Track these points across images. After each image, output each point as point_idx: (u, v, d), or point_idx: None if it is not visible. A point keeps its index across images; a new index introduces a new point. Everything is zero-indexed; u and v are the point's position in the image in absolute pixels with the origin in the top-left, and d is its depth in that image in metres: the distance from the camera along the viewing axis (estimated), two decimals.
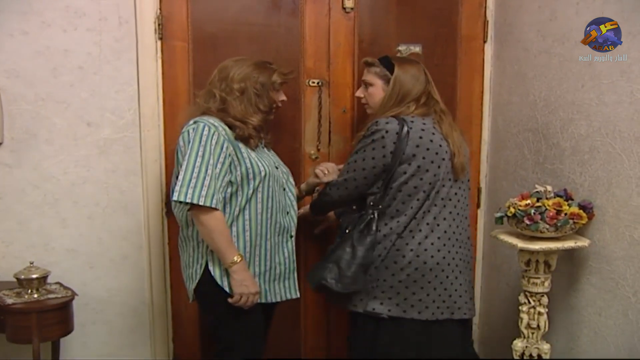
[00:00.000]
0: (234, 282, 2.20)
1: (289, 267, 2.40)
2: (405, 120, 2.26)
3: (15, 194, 2.65)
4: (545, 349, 2.47)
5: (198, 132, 2.15)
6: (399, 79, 2.35)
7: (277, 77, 2.35)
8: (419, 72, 2.39)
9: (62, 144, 2.67)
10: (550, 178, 2.58)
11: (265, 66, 2.34)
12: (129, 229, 2.80)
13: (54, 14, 2.59)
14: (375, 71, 2.42)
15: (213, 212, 2.15)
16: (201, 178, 2.12)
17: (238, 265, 2.19)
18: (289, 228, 2.39)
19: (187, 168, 2.13)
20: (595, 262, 2.38)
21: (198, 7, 2.72)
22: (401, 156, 2.23)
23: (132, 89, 2.71)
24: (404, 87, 2.35)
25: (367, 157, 2.27)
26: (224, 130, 2.19)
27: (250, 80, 2.28)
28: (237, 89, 2.26)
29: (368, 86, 2.45)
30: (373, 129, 2.27)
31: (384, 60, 2.42)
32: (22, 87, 2.59)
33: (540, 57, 2.64)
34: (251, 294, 2.21)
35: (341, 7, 2.83)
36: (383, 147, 2.24)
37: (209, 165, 2.13)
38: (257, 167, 2.24)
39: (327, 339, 3.08)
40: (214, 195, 2.13)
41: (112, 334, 2.87)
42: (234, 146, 2.21)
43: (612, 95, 2.24)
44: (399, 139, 2.23)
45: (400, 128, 2.24)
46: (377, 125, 2.26)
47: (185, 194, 2.11)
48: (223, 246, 2.18)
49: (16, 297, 2.49)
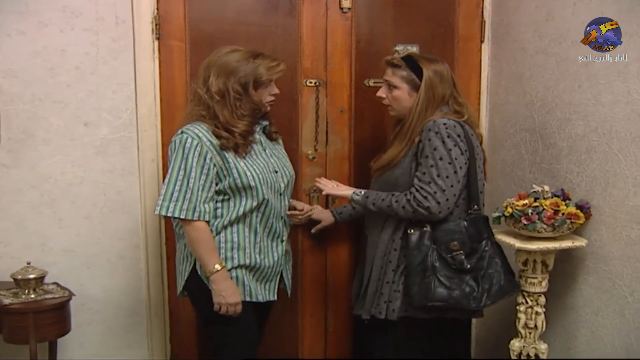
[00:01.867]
0: (213, 292, 2.20)
1: (275, 270, 2.38)
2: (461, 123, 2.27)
3: (12, 194, 2.65)
4: (543, 349, 2.47)
5: (181, 144, 2.15)
6: (431, 84, 2.29)
7: (263, 72, 2.21)
8: (446, 71, 2.34)
9: (59, 144, 2.66)
10: (547, 178, 2.58)
11: (249, 59, 2.21)
12: (126, 229, 2.80)
13: (51, 14, 2.58)
14: (402, 75, 2.32)
15: (194, 223, 2.16)
16: (183, 191, 2.13)
17: (216, 275, 2.18)
18: (281, 233, 2.38)
19: (170, 181, 2.14)
20: (592, 262, 2.39)
21: (195, 7, 2.72)
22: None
23: (129, 89, 2.70)
24: (437, 91, 2.30)
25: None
26: (208, 141, 2.16)
27: (229, 81, 2.18)
28: (216, 92, 2.18)
29: (393, 89, 2.36)
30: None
31: (410, 62, 2.32)
32: (19, 87, 2.59)
33: (537, 57, 2.64)
34: (229, 305, 2.20)
35: (338, 7, 2.83)
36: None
37: (191, 178, 2.13)
38: (246, 178, 2.20)
39: (324, 339, 3.09)
40: (195, 208, 2.14)
41: (109, 334, 2.86)
42: (221, 156, 2.18)
43: (609, 95, 2.25)
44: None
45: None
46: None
47: (167, 208, 2.14)
48: (204, 255, 2.19)
49: (13, 297, 2.48)
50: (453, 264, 2.25)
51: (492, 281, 2.27)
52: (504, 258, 2.34)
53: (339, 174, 2.91)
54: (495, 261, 2.29)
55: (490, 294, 2.26)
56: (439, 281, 2.23)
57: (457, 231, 2.26)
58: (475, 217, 2.29)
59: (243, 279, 2.27)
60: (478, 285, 2.25)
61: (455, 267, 2.25)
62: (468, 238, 2.26)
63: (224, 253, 2.24)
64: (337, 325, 3.07)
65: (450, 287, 2.23)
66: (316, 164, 2.91)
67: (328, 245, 2.99)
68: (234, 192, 2.21)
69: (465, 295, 2.24)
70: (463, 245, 2.25)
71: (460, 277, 2.25)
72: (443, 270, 2.24)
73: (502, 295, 2.30)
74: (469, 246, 2.26)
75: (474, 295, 2.25)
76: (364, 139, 2.92)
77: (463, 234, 2.26)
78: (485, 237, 2.30)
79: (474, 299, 2.25)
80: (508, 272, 2.34)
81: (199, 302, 2.35)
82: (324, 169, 2.92)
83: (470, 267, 2.25)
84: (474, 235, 2.27)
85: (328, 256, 3.01)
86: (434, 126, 2.22)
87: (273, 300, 2.41)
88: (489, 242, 2.31)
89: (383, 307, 2.33)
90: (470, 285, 2.25)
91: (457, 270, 2.25)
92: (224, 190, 2.21)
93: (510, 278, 2.35)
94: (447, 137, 2.20)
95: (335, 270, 3.02)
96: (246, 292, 2.27)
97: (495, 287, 2.27)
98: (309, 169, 2.91)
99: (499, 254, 2.33)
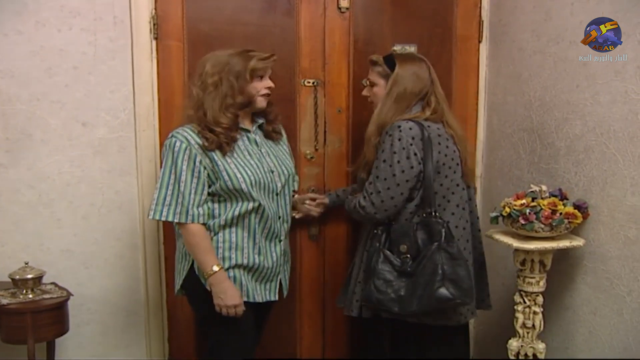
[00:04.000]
0: (213, 293, 2.20)
1: (274, 270, 2.37)
2: (422, 124, 2.27)
3: (10, 194, 2.64)
4: (541, 349, 2.48)
5: (170, 148, 2.16)
6: (397, 78, 2.33)
7: (256, 64, 2.22)
8: (422, 70, 2.37)
9: (57, 144, 2.66)
10: (545, 178, 2.58)
11: (242, 54, 2.23)
12: (124, 229, 2.80)
13: (48, 13, 2.58)
14: (378, 70, 2.40)
15: (189, 226, 2.18)
16: (175, 195, 2.14)
17: (214, 276, 2.18)
18: (278, 233, 2.36)
19: (162, 186, 2.16)
20: (590, 261, 2.39)
21: (193, 6, 2.72)
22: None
23: (127, 89, 2.70)
24: (401, 86, 2.33)
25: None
26: (197, 143, 2.16)
27: (224, 71, 2.19)
28: (211, 82, 2.18)
29: (373, 86, 2.44)
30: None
31: (388, 59, 2.39)
32: (17, 87, 2.58)
33: (535, 57, 2.65)
34: (227, 307, 2.19)
35: (336, 7, 2.83)
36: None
37: (181, 182, 2.14)
38: (237, 180, 2.19)
39: (322, 339, 3.09)
40: (188, 211, 2.15)
41: (107, 334, 2.86)
42: (210, 158, 2.18)
43: (607, 95, 2.25)
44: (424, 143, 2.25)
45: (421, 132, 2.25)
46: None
47: (161, 212, 2.15)
48: (201, 257, 2.20)
49: (11, 297, 2.48)
50: (397, 266, 2.26)
51: (425, 287, 2.19)
52: (454, 266, 2.20)
53: (337, 173, 2.92)
54: (436, 268, 2.19)
55: (420, 301, 2.20)
56: (373, 284, 2.25)
57: (407, 234, 2.26)
58: (427, 220, 2.26)
59: (241, 279, 2.26)
60: (407, 290, 2.23)
61: (398, 269, 2.25)
62: (416, 242, 2.25)
63: (221, 253, 2.24)
64: (335, 326, 3.07)
65: (380, 289, 2.24)
66: (314, 163, 2.91)
67: (326, 245, 3.00)
68: (227, 194, 2.21)
69: (392, 299, 2.23)
70: (410, 249, 2.26)
71: (399, 280, 2.25)
72: (383, 273, 2.25)
73: (432, 303, 2.19)
74: (415, 250, 2.25)
75: (402, 299, 2.23)
76: (362, 138, 2.91)
77: (411, 237, 2.26)
78: (436, 241, 2.23)
79: (400, 304, 2.23)
80: (452, 281, 2.19)
81: (196, 302, 2.35)
82: (322, 168, 2.92)
83: (410, 270, 2.24)
84: (424, 239, 2.26)
85: (326, 256, 3.01)
86: (390, 129, 2.25)
87: (273, 300, 2.40)
88: (438, 247, 2.21)
89: (356, 306, 2.41)
90: (402, 290, 2.24)
91: (399, 273, 2.25)
92: (217, 192, 2.21)
93: (450, 287, 2.19)
94: (398, 139, 2.22)
95: (333, 271, 3.01)
96: (243, 292, 2.27)
97: (427, 294, 2.19)
98: (307, 169, 2.91)
99: (448, 261, 2.20)
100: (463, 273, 2.22)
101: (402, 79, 2.33)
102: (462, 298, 2.21)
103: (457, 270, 2.21)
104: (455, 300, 2.21)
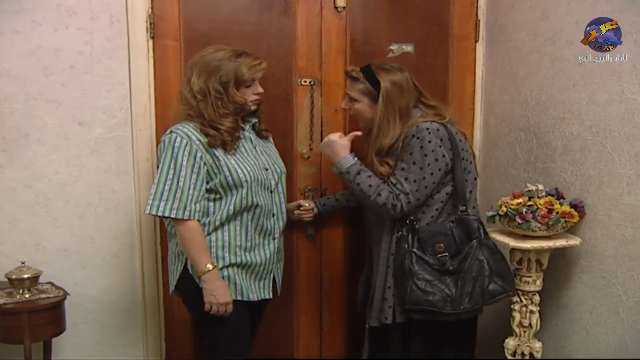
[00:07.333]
0: (204, 291, 2.20)
1: (268, 268, 2.37)
2: (445, 125, 2.27)
3: (6, 193, 2.64)
4: (537, 348, 2.48)
5: (170, 143, 2.15)
6: (389, 97, 2.27)
7: (244, 73, 2.20)
8: (406, 80, 2.32)
9: (54, 143, 2.66)
10: (541, 177, 2.59)
11: (231, 59, 2.20)
12: (121, 229, 2.80)
13: (45, 12, 2.57)
14: (360, 88, 2.33)
15: (186, 222, 2.17)
16: (173, 191, 2.14)
17: (208, 274, 2.18)
18: (272, 230, 2.36)
19: (160, 181, 2.15)
20: (586, 260, 2.39)
21: (190, 6, 2.71)
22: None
23: (123, 88, 2.70)
24: (397, 102, 2.28)
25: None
26: (197, 140, 2.16)
27: (210, 81, 2.18)
28: (198, 91, 2.18)
29: (353, 101, 2.37)
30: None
31: (368, 73, 2.31)
32: (13, 86, 2.58)
33: (531, 56, 2.65)
34: (220, 304, 2.19)
35: (333, 7, 2.83)
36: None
37: (181, 177, 2.14)
38: (237, 175, 2.20)
39: (319, 338, 3.09)
40: (186, 207, 2.15)
41: (104, 333, 2.86)
42: (211, 154, 2.18)
43: (603, 94, 2.25)
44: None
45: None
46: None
47: (157, 207, 2.14)
48: (195, 255, 2.19)
49: (7, 297, 2.48)
50: (436, 265, 2.24)
51: (474, 284, 2.23)
52: (496, 261, 2.26)
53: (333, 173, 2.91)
54: (483, 264, 2.23)
55: (472, 298, 2.23)
56: (414, 285, 2.23)
57: (442, 233, 2.26)
58: (463, 218, 2.28)
59: (234, 278, 2.27)
60: (457, 289, 2.23)
61: (438, 269, 2.24)
62: (454, 240, 2.26)
63: (214, 252, 2.24)
64: (332, 324, 3.07)
65: (426, 290, 2.22)
66: (311, 162, 2.91)
67: (323, 243, 3.00)
68: (225, 190, 2.21)
69: (443, 298, 2.22)
70: (448, 247, 2.25)
71: (441, 280, 2.24)
72: (421, 274, 2.24)
73: (485, 299, 2.25)
74: (454, 248, 2.26)
75: (452, 299, 2.22)
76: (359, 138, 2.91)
77: (449, 235, 2.26)
78: (474, 238, 2.26)
79: (452, 302, 2.22)
80: (499, 275, 2.25)
81: (190, 302, 2.35)
82: (319, 167, 2.92)
83: (453, 269, 2.24)
84: (461, 236, 2.27)
85: (323, 255, 3.01)
86: (417, 131, 2.22)
87: (267, 299, 2.40)
88: (479, 243, 2.26)
89: (389, 313, 2.33)
90: (449, 288, 2.23)
91: (440, 272, 2.24)
92: (215, 188, 2.20)
93: (499, 281, 2.25)
94: (428, 142, 2.21)
95: (330, 269, 3.02)
96: (237, 291, 2.27)
97: (478, 291, 2.23)
98: (304, 168, 2.91)
99: (491, 256, 2.26)
100: (505, 266, 2.30)
101: (391, 94, 2.27)
102: (511, 290, 2.31)
103: (500, 264, 2.27)
104: (508, 293, 2.29)
